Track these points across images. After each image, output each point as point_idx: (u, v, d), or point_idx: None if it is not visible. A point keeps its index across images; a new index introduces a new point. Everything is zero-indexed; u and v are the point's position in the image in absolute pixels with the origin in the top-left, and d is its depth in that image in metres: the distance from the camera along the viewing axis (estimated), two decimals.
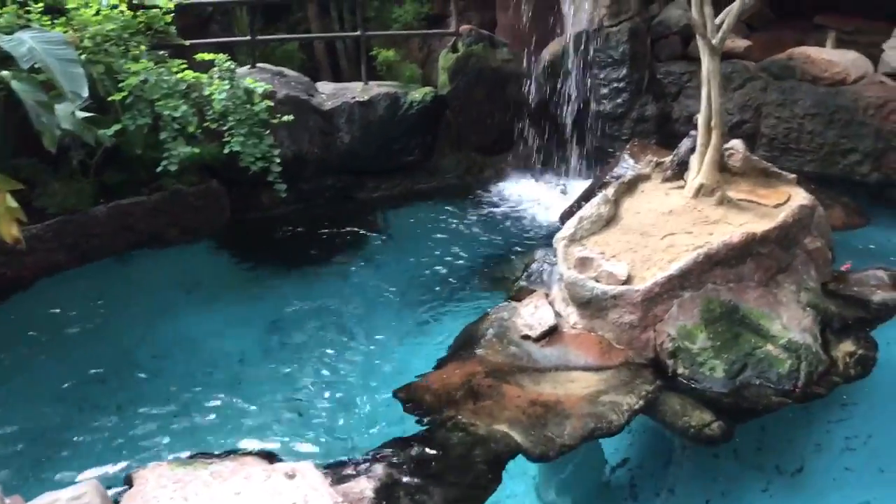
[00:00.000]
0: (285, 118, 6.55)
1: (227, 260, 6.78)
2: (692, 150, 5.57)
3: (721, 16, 4.89)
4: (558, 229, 6.91)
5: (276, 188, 6.37)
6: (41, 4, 5.64)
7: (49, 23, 5.62)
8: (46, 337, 5.51)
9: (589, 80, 8.37)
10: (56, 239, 5.95)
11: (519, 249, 6.82)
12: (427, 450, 4.00)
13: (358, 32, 8.11)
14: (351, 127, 7.58)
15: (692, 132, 5.67)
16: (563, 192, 7.88)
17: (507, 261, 6.60)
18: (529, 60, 8.63)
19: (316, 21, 9.89)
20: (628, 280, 4.66)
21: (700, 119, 5.23)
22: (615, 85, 8.41)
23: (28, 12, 5.57)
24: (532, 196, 7.90)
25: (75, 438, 4.54)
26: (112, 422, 4.70)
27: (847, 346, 4.74)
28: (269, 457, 3.97)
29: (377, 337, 5.65)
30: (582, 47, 8.32)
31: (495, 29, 9.67)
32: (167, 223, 6.57)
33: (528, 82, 8.41)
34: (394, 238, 7.23)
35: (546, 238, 6.93)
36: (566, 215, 6.91)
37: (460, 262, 6.73)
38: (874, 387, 4.61)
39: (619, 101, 8.43)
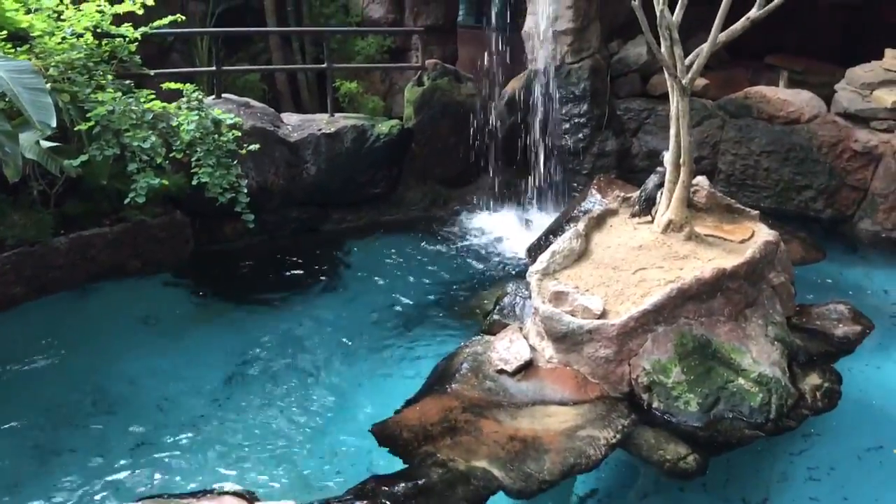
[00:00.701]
0: (252, 148, 6.48)
1: (189, 293, 6.65)
2: (659, 186, 5.67)
3: (691, 56, 5.02)
4: (525, 262, 7.09)
5: (244, 218, 6.30)
6: (4, 32, 5.52)
7: (12, 50, 5.49)
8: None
9: (551, 116, 8.50)
10: (14, 272, 5.78)
11: (486, 282, 6.84)
12: (409, 487, 3.95)
13: (324, 65, 8.08)
14: (317, 159, 7.56)
15: (658, 168, 5.77)
16: (528, 225, 7.95)
17: (476, 294, 6.61)
18: (492, 95, 8.74)
19: (278, 52, 9.90)
20: (603, 314, 4.70)
21: (668, 156, 5.33)
22: (576, 120, 8.58)
23: None
24: (496, 229, 7.95)
25: (32, 482, 4.35)
26: (70, 464, 4.53)
27: (814, 379, 4.86)
28: (248, 496, 3.88)
29: (346, 371, 5.60)
30: (544, 83, 8.46)
31: (456, 63, 9.81)
32: (129, 255, 6.44)
33: (492, 116, 8.50)
34: (360, 271, 7.18)
35: (513, 271, 7.00)
36: (533, 248, 6.98)
37: (428, 294, 6.72)
38: (834, 418, 4.70)
39: (580, 135, 8.60)
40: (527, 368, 4.81)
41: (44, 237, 5.89)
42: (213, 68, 7.48)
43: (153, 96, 6.16)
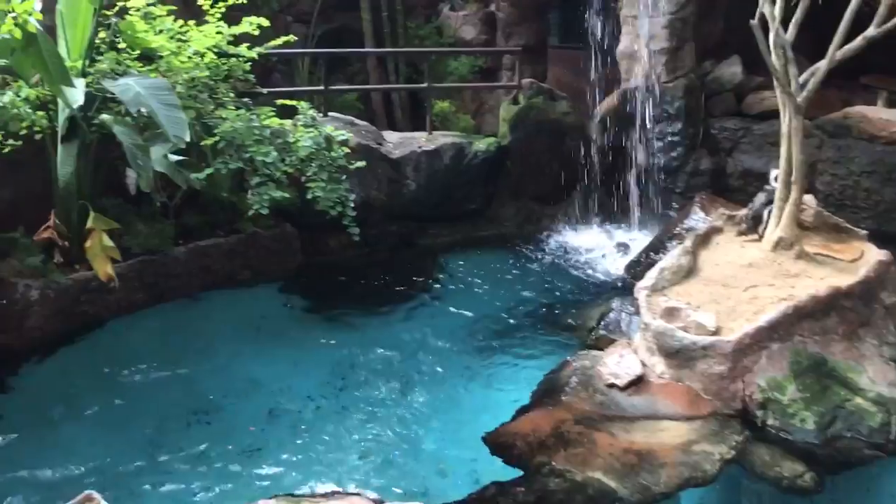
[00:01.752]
0: (359, 164, 6.71)
1: (296, 303, 6.88)
2: (766, 204, 5.68)
3: (805, 75, 5.03)
4: (622, 279, 7.13)
5: (350, 232, 6.50)
6: (137, 52, 5.87)
7: (143, 69, 5.83)
8: (120, 377, 5.58)
9: (645, 134, 8.53)
10: (137, 278, 6.09)
11: (582, 298, 6.89)
12: (529, 495, 4.04)
13: (424, 84, 8.30)
14: (417, 175, 7.77)
15: (766, 187, 5.79)
16: (622, 248, 7.93)
17: (573, 309, 6.66)
18: (585, 113, 8.82)
19: (374, 72, 10.19)
20: (716, 331, 4.72)
21: (780, 175, 5.34)
22: (670, 139, 8.58)
23: (124, 59, 5.78)
24: (589, 246, 8.00)
25: (149, 482, 4.52)
26: (186, 463, 4.71)
27: None
28: (375, 499, 4.02)
29: (446, 382, 5.70)
30: (638, 102, 8.51)
31: (546, 82, 9.92)
32: (241, 265, 6.72)
33: (586, 135, 8.58)
34: (457, 284, 7.32)
35: (610, 288, 7.04)
36: (633, 266, 7.03)
37: (524, 309, 6.80)
38: None
39: (673, 154, 8.60)
40: (637, 383, 4.86)
41: (165, 246, 6.20)
42: (322, 87, 7.76)
43: (273, 113, 6.45)
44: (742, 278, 5.23)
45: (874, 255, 5.35)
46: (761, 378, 4.58)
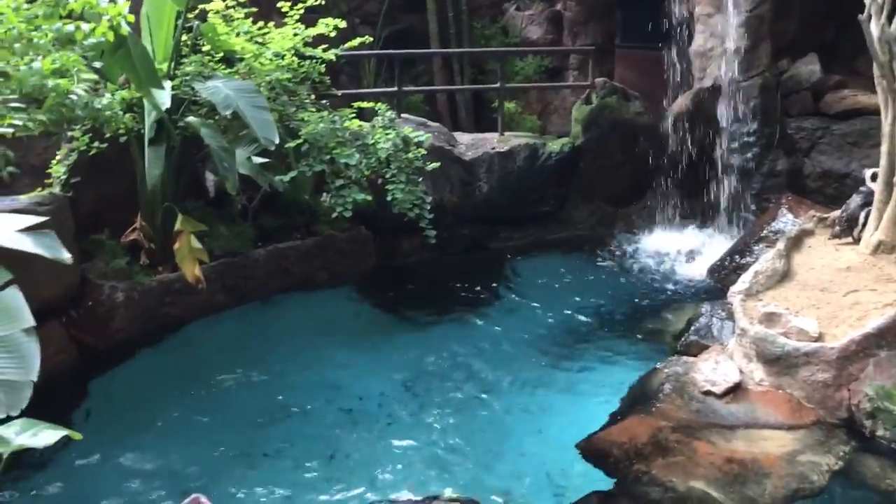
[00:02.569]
0: (434, 165, 6.66)
1: (370, 305, 6.86)
2: (863, 206, 5.49)
3: None
4: (703, 283, 6.97)
5: (427, 234, 6.44)
6: (220, 54, 5.89)
7: (226, 71, 5.85)
8: (202, 379, 5.59)
9: (720, 135, 8.35)
10: (219, 280, 6.10)
11: (663, 303, 6.75)
12: None
13: (497, 84, 8.24)
14: (490, 177, 7.70)
15: (862, 188, 5.60)
16: (691, 255, 7.72)
17: (654, 314, 6.53)
18: (658, 113, 8.67)
19: (439, 73, 10.15)
20: (819, 337, 4.56)
21: (880, 175, 5.15)
22: (746, 139, 8.38)
23: (208, 62, 5.81)
24: (665, 249, 7.84)
25: (232, 487, 4.48)
26: (269, 470, 4.66)
27: None
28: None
29: (525, 387, 5.60)
30: (713, 101, 8.33)
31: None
32: (318, 267, 6.71)
33: (660, 135, 8.42)
34: (531, 288, 7.22)
35: (690, 292, 6.88)
36: (716, 269, 6.87)
37: (602, 313, 6.69)
38: None
39: (749, 155, 8.40)
40: (735, 391, 4.72)
41: (246, 248, 6.21)
42: (395, 89, 7.74)
43: (353, 115, 6.43)
44: (840, 283, 5.06)
45: None
46: (869, 387, 4.39)
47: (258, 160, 5.69)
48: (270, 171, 5.78)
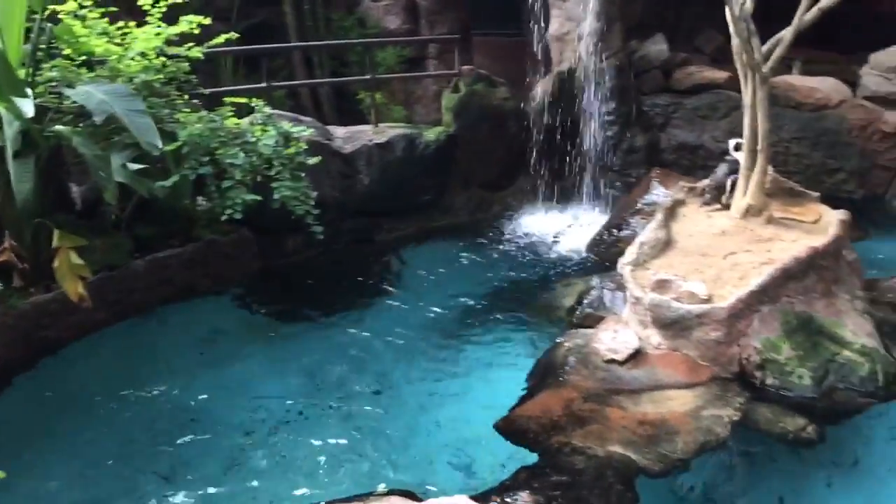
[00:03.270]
0: (314, 160, 6.54)
1: (258, 309, 6.67)
2: (728, 174, 5.89)
3: (767, 46, 5.22)
4: (584, 257, 7.25)
5: (314, 231, 6.32)
6: (82, 57, 5.53)
7: (90, 75, 5.50)
8: (86, 402, 5.30)
9: (582, 115, 8.68)
10: (98, 296, 5.71)
11: (549, 279, 6.96)
12: (561, 475, 4.06)
13: (367, 76, 8.19)
14: (370, 169, 7.66)
15: (727, 157, 6.00)
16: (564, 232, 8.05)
17: (543, 291, 6.70)
18: (522, 98, 8.91)
19: (300, 67, 9.96)
20: (708, 298, 4.86)
21: (745, 144, 5.54)
22: (606, 118, 8.76)
23: (69, 66, 5.43)
24: (544, 228, 8.10)
25: None
26: (165, 489, 4.46)
27: None
28: (410, 495, 3.97)
29: (430, 376, 5.61)
30: (572, 84, 8.65)
31: None
32: (201, 274, 6.47)
33: (527, 119, 8.66)
34: (420, 278, 7.26)
35: (575, 267, 7.14)
36: (595, 244, 7.15)
37: (493, 296, 6.80)
38: None
39: (609, 133, 8.79)
40: (636, 356, 4.94)
41: (124, 261, 5.89)
42: (265, 84, 7.53)
43: (231, 114, 6.20)
44: (718, 247, 5.41)
45: (833, 215, 5.63)
46: (756, 340, 4.74)
47: (134, 166, 5.39)
48: (149, 178, 5.49)
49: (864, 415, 4.60)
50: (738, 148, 5.87)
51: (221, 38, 6.67)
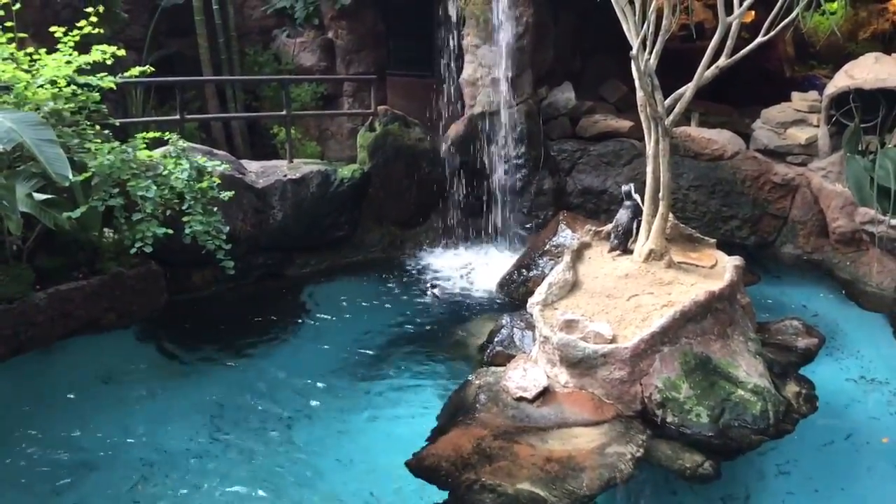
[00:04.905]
0: (228, 195, 6.49)
1: (163, 345, 6.50)
2: (633, 219, 6.16)
3: (669, 100, 5.53)
4: (494, 296, 7.40)
5: (224, 266, 6.26)
6: None
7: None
8: None
9: (492, 158, 8.92)
10: None
11: (460, 318, 7.07)
12: None
13: (283, 112, 8.19)
14: (283, 204, 7.63)
15: (627, 203, 6.25)
16: (469, 269, 8.23)
17: (456, 328, 6.81)
18: (435, 139, 9.09)
19: (213, 99, 9.87)
20: (613, 339, 5.06)
21: (647, 191, 5.82)
22: (515, 161, 9.04)
23: None
24: (451, 267, 8.23)
25: None
26: None
27: (792, 387, 5.41)
28: None
29: (338, 416, 5.59)
30: (484, 127, 8.89)
31: None
32: (106, 308, 6.28)
33: (440, 160, 8.83)
34: (330, 314, 7.24)
35: (486, 305, 7.28)
36: (505, 283, 7.32)
37: (404, 333, 6.87)
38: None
39: (519, 176, 9.06)
40: (544, 394, 5.08)
41: (24, 293, 5.67)
42: (178, 117, 7.44)
43: (144, 146, 6.09)
44: (623, 289, 5.63)
45: (729, 260, 5.95)
46: (657, 380, 4.95)
47: (40, 196, 5.24)
48: (56, 208, 5.34)
49: (757, 451, 4.85)
50: (628, 195, 6.14)
51: (135, 70, 6.57)
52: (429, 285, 7.71)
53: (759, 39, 5.23)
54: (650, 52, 5.39)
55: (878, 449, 5.14)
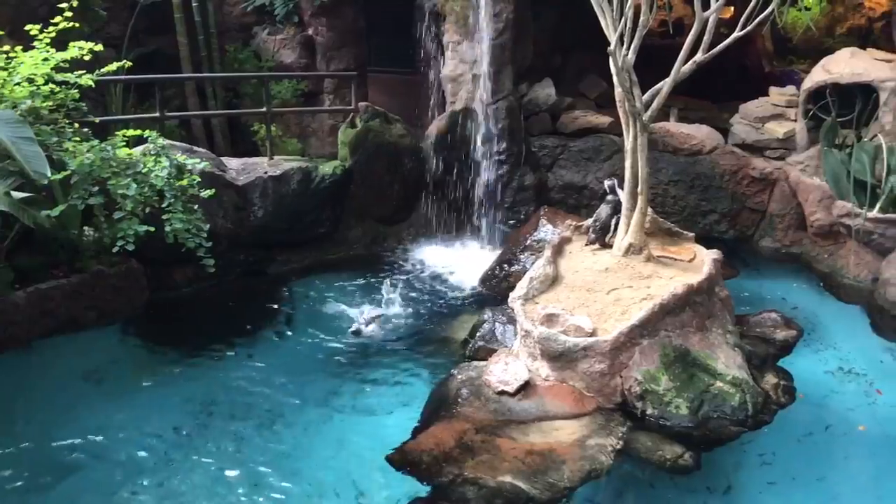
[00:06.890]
0: (208, 192, 6.46)
1: (144, 343, 6.47)
2: (612, 214, 6.21)
3: (647, 96, 5.58)
4: (476, 291, 7.43)
5: (205, 263, 6.23)
6: None
7: None
8: None
9: (474, 154, 8.94)
10: None
11: (444, 312, 7.09)
12: None
13: (263, 109, 8.17)
14: (264, 201, 7.62)
15: (608, 198, 6.31)
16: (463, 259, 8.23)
17: (439, 324, 6.84)
18: (417, 135, 9.09)
19: (193, 97, 9.83)
20: (593, 332, 5.11)
21: (626, 187, 5.87)
22: (497, 157, 9.04)
23: None
24: (434, 262, 8.24)
25: None
26: None
27: (771, 379, 5.49)
28: None
29: (322, 410, 5.61)
30: (466, 123, 8.91)
31: None
32: (86, 306, 6.25)
33: (422, 156, 8.84)
34: (312, 311, 7.22)
35: (468, 300, 7.30)
36: (487, 278, 7.34)
37: (387, 329, 6.87)
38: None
39: (500, 172, 9.06)
40: (526, 388, 5.13)
41: (4, 292, 5.64)
42: (158, 115, 7.41)
43: (123, 144, 6.06)
44: (602, 283, 5.69)
45: (707, 254, 6.02)
46: (637, 372, 5.02)
47: (18, 195, 5.21)
48: (34, 207, 5.30)
49: (737, 442, 4.92)
50: (612, 190, 6.19)
51: (113, 66, 6.53)
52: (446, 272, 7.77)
53: (736, 34, 5.29)
54: (628, 48, 5.44)
55: (855, 438, 5.21)
